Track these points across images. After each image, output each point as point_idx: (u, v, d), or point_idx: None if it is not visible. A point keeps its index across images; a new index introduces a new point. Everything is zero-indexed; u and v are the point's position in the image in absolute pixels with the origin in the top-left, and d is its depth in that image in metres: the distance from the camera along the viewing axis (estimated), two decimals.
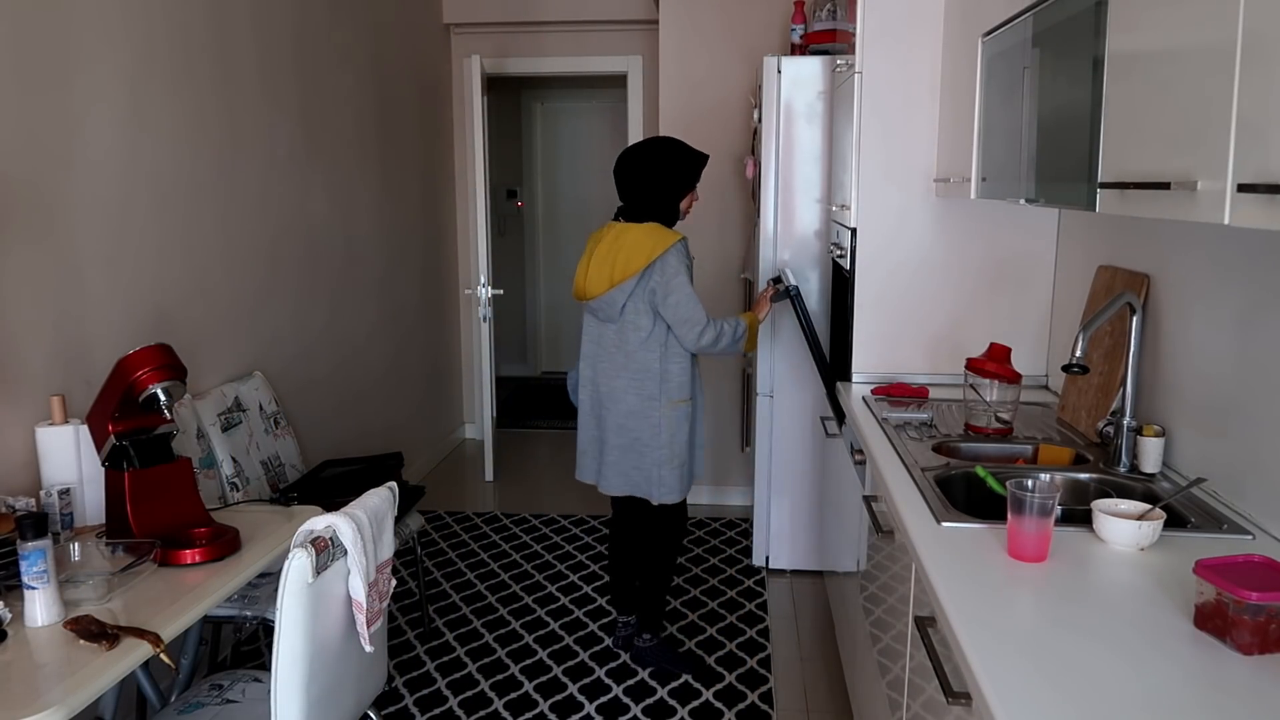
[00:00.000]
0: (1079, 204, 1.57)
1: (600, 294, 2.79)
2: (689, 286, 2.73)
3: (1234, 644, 1.20)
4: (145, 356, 2.01)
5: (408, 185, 4.73)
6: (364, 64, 4.18)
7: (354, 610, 1.84)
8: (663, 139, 2.87)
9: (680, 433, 2.86)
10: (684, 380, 2.85)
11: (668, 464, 2.85)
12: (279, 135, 3.42)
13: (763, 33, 4.32)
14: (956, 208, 2.76)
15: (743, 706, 2.79)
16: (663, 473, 2.86)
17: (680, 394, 2.84)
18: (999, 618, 1.31)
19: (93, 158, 2.46)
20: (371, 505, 1.90)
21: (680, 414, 2.86)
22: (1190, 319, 1.89)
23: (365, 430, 4.20)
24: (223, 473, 2.83)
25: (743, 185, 4.40)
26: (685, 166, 2.84)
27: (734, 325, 2.81)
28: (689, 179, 2.86)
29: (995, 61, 2.10)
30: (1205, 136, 1.15)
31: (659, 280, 2.72)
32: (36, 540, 1.62)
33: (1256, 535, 1.59)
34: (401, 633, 3.26)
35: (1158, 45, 1.30)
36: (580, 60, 5.29)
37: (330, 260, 3.86)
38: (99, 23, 2.47)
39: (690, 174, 2.86)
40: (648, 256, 2.71)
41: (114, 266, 2.54)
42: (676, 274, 2.71)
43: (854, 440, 2.56)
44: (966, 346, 2.78)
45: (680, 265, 2.73)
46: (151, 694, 2.12)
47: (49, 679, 1.50)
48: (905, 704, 1.77)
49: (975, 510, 1.75)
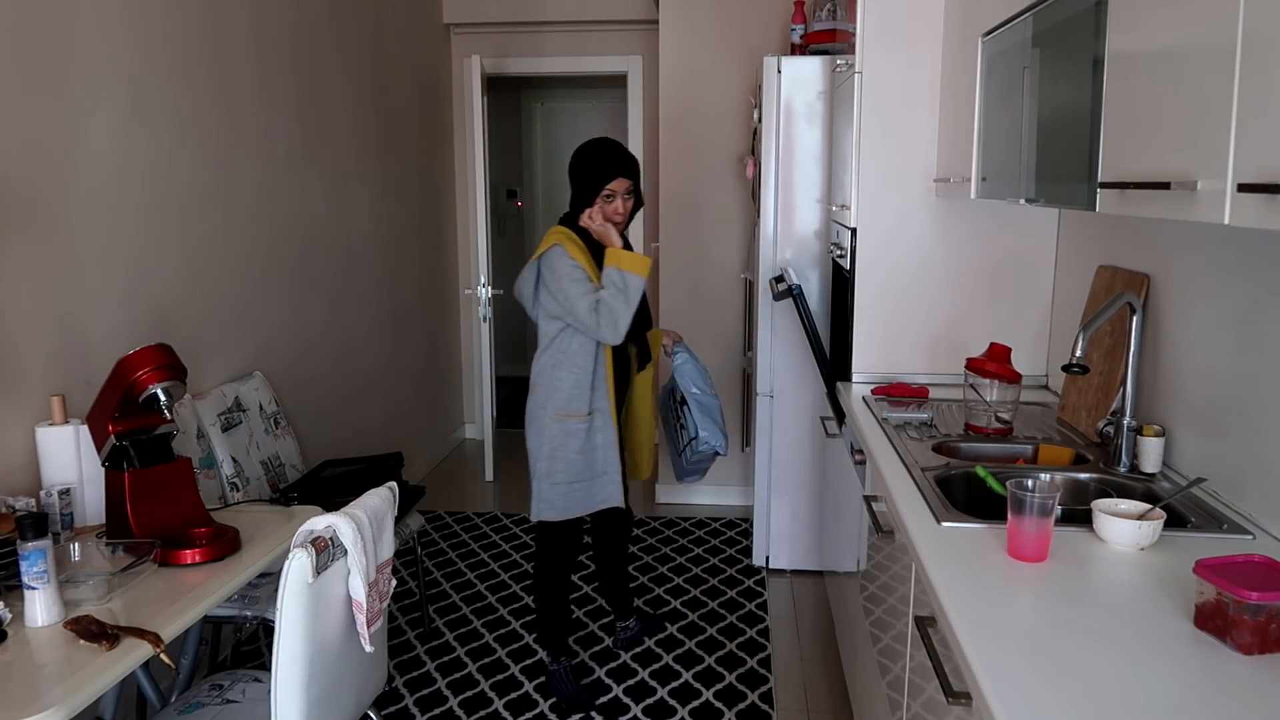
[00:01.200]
0: (1079, 204, 1.57)
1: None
2: (572, 287, 2.53)
3: (1234, 644, 1.20)
4: (145, 356, 2.01)
5: (407, 185, 4.73)
6: (364, 64, 4.18)
7: (354, 610, 1.84)
8: (586, 142, 2.69)
9: (565, 449, 2.64)
10: (576, 394, 2.63)
11: (546, 479, 2.68)
12: (278, 135, 3.42)
13: (763, 33, 4.32)
14: (956, 208, 2.76)
15: (743, 706, 2.79)
16: (541, 487, 2.69)
17: (568, 407, 2.63)
18: (999, 618, 1.31)
19: (92, 158, 2.46)
20: (371, 505, 1.90)
21: (565, 429, 2.64)
22: (1190, 319, 1.89)
23: (365, 430, 4.20)
24: (223, 473, 2.83)
25: (743, 185, 4.40)
26: (577, 174, 2.64)
27: (609, 280, 2.55)
28: (582, 189, 2.63)
29: (995, 61, 2.10)
30: (1205, 136, 1.15)
31: (544, 281, 2.60)
32: (36, 540, 1.62)
33: (1256, 535, 1.59)
34: (401, 633, 3.26)
35: (1158, 45, 1.30)
36: (580, 60, 5.29)
37: (330, 260, 3.86)
38: (98, 23, 2.47)
39: (580, 183, 2.63)
40: (535, 254, 2.62)
41: (114, 266, 2.54)
42: (553, 274, 2.55)
43: (854, 440, 2.56)
44: (966, 346, 2.78)
45: (564, 267, 2.54)
46: (151, 694, 2.12)
47: (49, 679, 1.50)
48: (905, 704, 1.77)
49: (975, 510, 1.75)
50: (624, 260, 2.56)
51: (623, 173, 2.60)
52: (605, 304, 2.52)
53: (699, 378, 2.96)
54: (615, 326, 2.53)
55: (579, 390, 2.63)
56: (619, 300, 2.53)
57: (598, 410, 2.67)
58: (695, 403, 2.94)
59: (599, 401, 2.66)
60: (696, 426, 2.93)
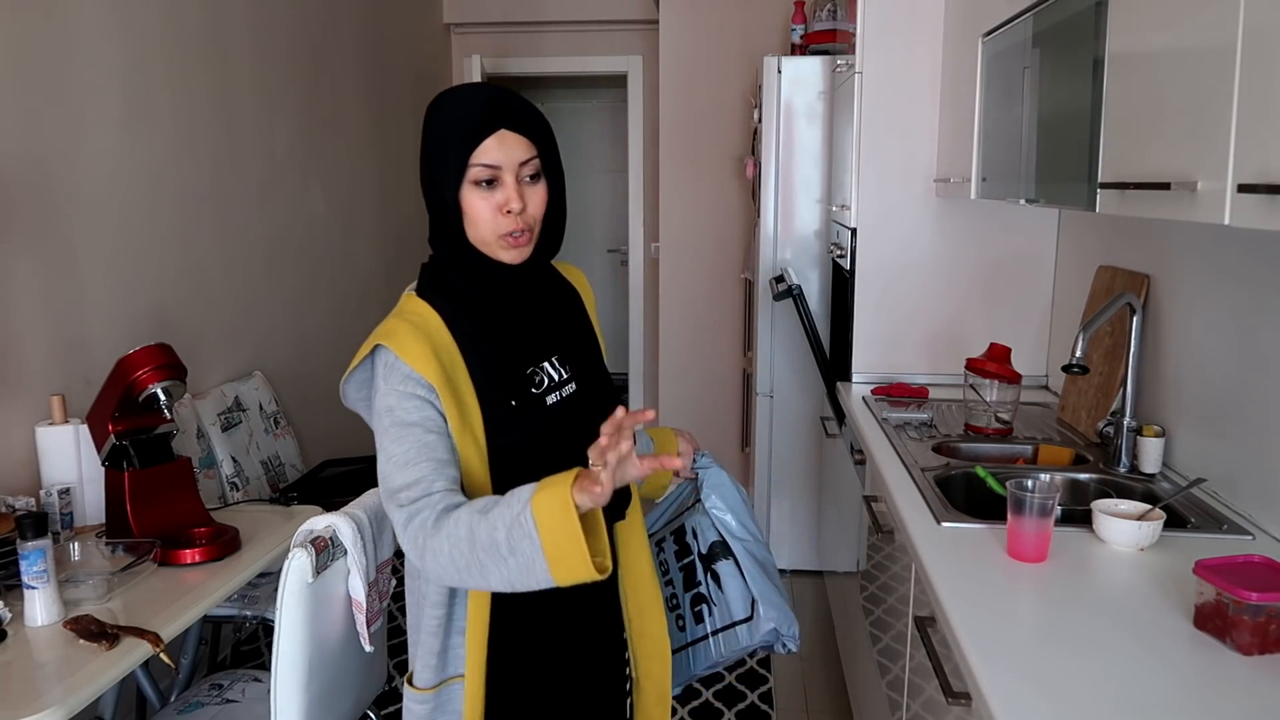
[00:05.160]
0: (1079, 204, 1.57)
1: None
2: (392, 444, 1.26)
3: (1234, 644, 1.20)
4: (145, 356, 2.01)
5: (407, 185, 4.73)
6: (364, 64, 4.18)
7: (354, 610, 1.84)
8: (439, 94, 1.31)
9: None
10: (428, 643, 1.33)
11: None
12: (278, 135, 3.41)
13: (763, 33, 4.32)
14: (956, 208, 2.76)
15: (742, 706, 2.79)
16: None
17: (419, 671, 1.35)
18: (999, 618, 1.31)
19: (93, 158, 2.46)
20: (371, 505, 1.90)
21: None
22: (1190, 319, 1.89)
23: (365, 430, 4.19)
24: (223, 472, 2.82)
25: (743, 185, 4.40)
26: (425, 153, 1.28)
27: (500, 520, 1.12)
28: (435, 180, 1.26)
29: (995, 61, 2.10)
30: (1205, 136, 1.15)
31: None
32: (36, 540, 1.62)
33: (1256, 535, 1.59)
34: (401, 633, 3.26)
35: (1157, 45, 1.30)
36: (580, 60, 5.29)
37: (330, 260, 3.86)
38: (98, 24, 2.47)
39: (431, 169, 1.26)
40: (359, 354, 1.33)
41: (114, 266, 2.54)
42: (376, 402, 1.32)
43: (854, 440, 2.56)
44: (966, 347, 2.77)
45: (387, 390, 1.27)
46: (151, 694, 2.12)
47: (49, 679, 1.50)
48: (905, 704, 1.77)
49: (975, 510, 1.75)
50: (559, 538, 1.09)
51: (501, 123, 1.22)
52: (449, 532, 1.14)
53: (743, 510, 1.61)
54: (436, 571, 1.17)
55: (422, 635, 1.32)
56: (481, 556, 1.12)
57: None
58: (745, 555, 1.57)
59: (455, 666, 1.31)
60: (752, 599, 1.53)
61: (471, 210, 1.24)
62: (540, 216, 1.28)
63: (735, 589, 1.54)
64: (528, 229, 1.26)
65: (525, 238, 1.26)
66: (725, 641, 1.55)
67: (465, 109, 1.23)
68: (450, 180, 1.22)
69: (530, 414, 1.27)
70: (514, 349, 1.30)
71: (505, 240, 1.25)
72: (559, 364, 1.34)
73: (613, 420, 1.08)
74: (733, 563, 1.55)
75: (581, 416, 1.31)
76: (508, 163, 1.22)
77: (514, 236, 1.24)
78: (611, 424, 1.08)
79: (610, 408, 1.13)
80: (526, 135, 1.24)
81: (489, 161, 1.21)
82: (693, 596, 1.58)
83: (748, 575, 1.54)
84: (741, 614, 1.54)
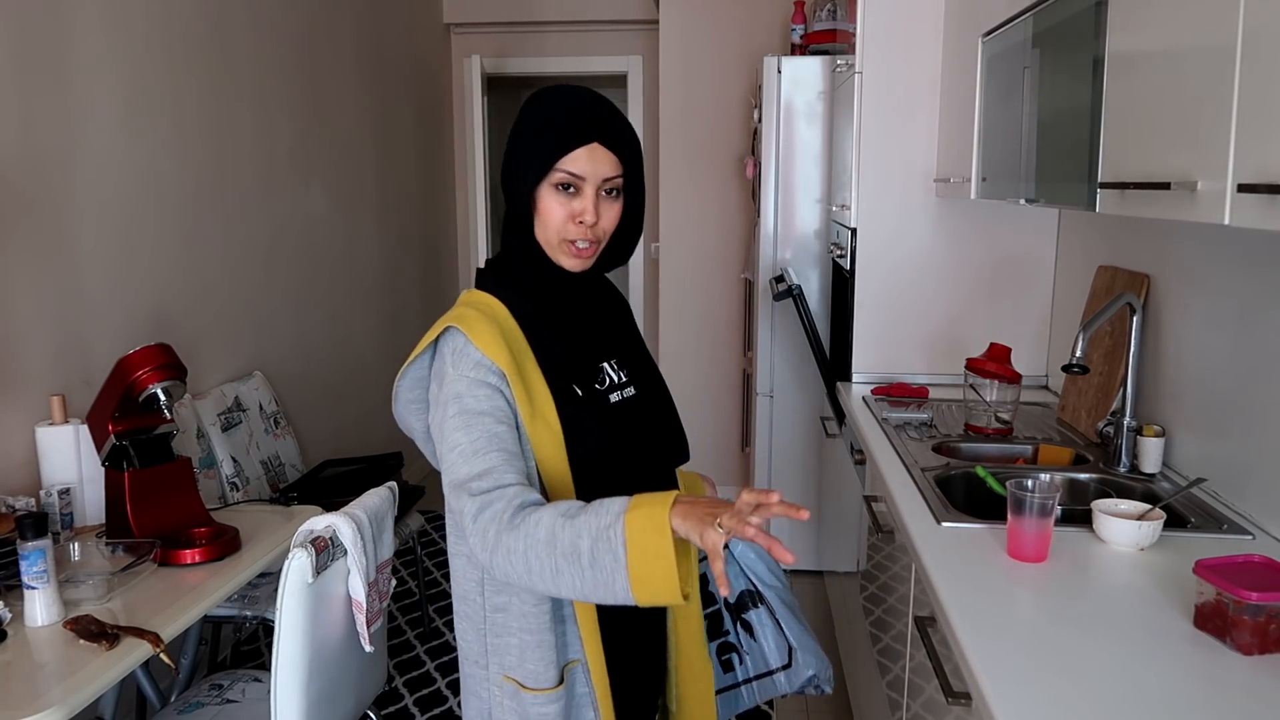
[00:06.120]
0: (1079, 204, 1.57)
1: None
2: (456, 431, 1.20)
3: (1234, 644, 1.20)
4: (145, 356, 2.01)
5: (408, 185, 4.73)
6: (364, 64, 4.18)
7: (354, 610, 1.84)
8: (535, 93, 1.31)
9: None
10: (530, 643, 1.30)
11: None
12: (279, 135, 3.42)
13: (763, 33, 4.32)
14: (956, 208, 2.76)
15: None
16: None
17: (520, 670, 1.31)
18: (999, 618, 1.31)
19: (93, 158, 2.46)
20: (371, 505, 1.90)
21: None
22: (1190, 319, 1.89)
23: (365, 430, 4.20)
24: (223, 473, 2.83)
25: (743, 185, 4.40)
26: (511, 152, 1.29)
27: (584, 530, 1.10)
28: (515, 178, 1.28)
29: (995, 61, 2.10)
30: (1205, 136, 1.15)
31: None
32: (36, 540, 1.62)
33: (1256, 535, 1.59)
34: (401, 633, 3.26)
35: (1158, 45, 1.30)
36: (580, 60, 5.29)
37: (330, 260, 3.86)
38: (98, 24, 2.47)
39: (514, 169, 1.28)
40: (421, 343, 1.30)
41: (114, 266, 2.54)
42: (439, 387, 1.25)
43: (854, 440, 2.56)
44: (966, 346, 2.77)
45: (455, 376, 1.22)
46: (151, 694, 2.11)
47: (49, 679, 1.50)
48: (905, 704, 1.77)
49: (975, 510, 1.75)
50: (648, 558, 1.07)
51: (595, 137, 1.24)
52: (528, 532, 1.12)
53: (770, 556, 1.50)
54: (505, 568, 1.14)
55: (535, 636, 1.28)
56: (559, 561, 1.11)
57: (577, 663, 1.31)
58: (778, 603, 1.56)
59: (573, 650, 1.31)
60: (790, 647, 1.53)
61: (545, 210, 1.25)
62: (610, 231, 1.29)
63: (770, 637, 1.54)
64: (595, 242, 1.27)
65: (590, 250, 1.28)
66: (760, 689, 1.55)
67: (564, 113, 1.25)
68: (532, 176, 1.24)
69: (598, 408, 1.29)
70: (578, 343, 1.32)
71: (569, 247, 1.26)
72: (617, 367, 1.36)
73: (765, 498, 1.05)
74: (766, 611, 1.55)
75: (642, 420, 1.35)
76: (593, 176, 1.24)
77: (580, 246, 1.26)
78: (757, 498, 1.06)
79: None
80: (617, 153, 1.26)
81: (575, 170, 1.23)
82: (719, 645, 1.56)
83: (784, 623, 1.54)
84: (778, 662, 1.54)
